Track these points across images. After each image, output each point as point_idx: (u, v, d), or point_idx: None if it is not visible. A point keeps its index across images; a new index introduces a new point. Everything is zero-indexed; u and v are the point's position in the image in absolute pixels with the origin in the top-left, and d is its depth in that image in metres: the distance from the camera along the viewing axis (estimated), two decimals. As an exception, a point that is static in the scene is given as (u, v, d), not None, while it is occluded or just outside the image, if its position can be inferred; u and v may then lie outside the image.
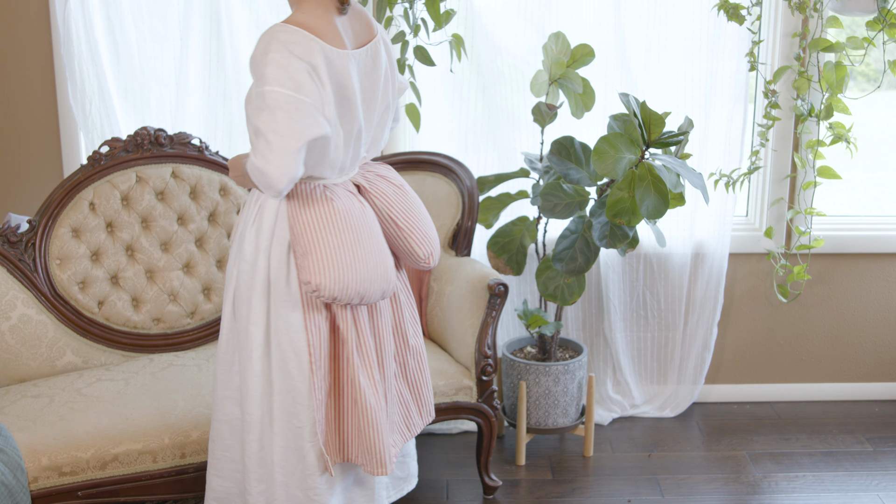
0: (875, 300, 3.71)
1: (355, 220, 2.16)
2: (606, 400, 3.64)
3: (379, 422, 2.23)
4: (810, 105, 3.33)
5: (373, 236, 2.19)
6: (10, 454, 2.36)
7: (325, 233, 2.13)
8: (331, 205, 2.14)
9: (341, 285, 2.12)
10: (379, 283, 2.18)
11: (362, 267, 2.14)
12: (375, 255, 2.17)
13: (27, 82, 3.35)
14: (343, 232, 2.13)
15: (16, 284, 2.83)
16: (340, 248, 2.12)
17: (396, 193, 2.28)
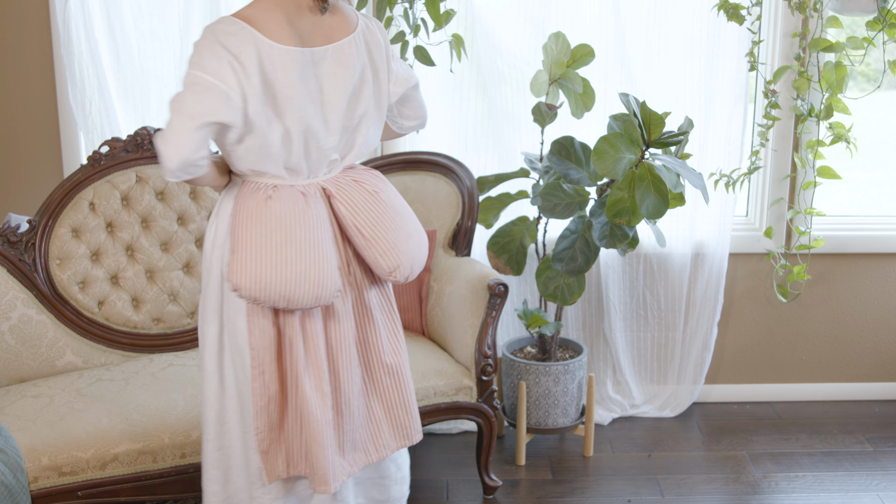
0: (875, 300, 3.71)
1: (289, 220, 2.07)
2: (606, 400, 3.64)
3: (323, 436, 2.15)
4: (810, 105, 3.33)
5: (309, 240, 2.08)
6: (10, 454, 2.35)
7: (254, 231, 2.07)
8: (267, 203, 2.08)
9: (261, 286, 2.05)
10: (309, 288, 2.07)
11: (287, 269, 2.05)
12: (307, 259, 2.06)
13: (27, 82, 3.35)
14: (273, 232, 2.06)
15: (16, 284, 2.83)
16: (266, 247, 2.06)
17: (366, 201, 2.18)
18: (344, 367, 2.21)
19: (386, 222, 2.19)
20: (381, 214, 2.19)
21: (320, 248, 2.10)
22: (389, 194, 2.24)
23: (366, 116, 2.19)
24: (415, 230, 2.25)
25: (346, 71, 2.12)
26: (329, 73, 2.10)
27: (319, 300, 2.10)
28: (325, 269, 2.10)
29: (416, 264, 2.25)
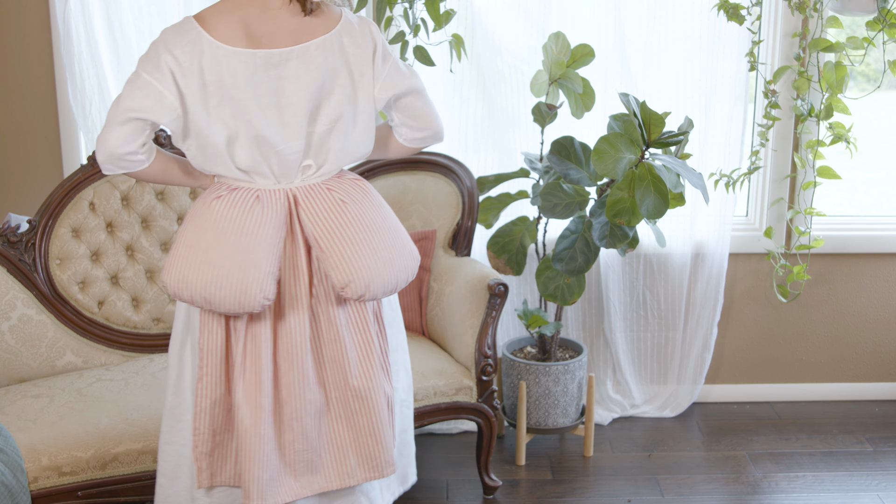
0: (875, 300, 3.71)
1: (226, 223, 2.02)
2: (606, 400, 3.64)
3: (252, 447, 2.07)
4: (810, 105, 3.33)
5: (240, 244, 2.01)
6: (10, 454, 2.36)
7: (190, 229, 2.05)
8: (211, 204, 2.05)
9: (182, 284, 2.03)
10: (230, 293, 2.00)
11: (208, 270, 2.00)
12: (232, 263, 2.00)
13: (27, 82, 3.35)
14: (206, 232, 2.03)
15: (16, 284, 2.83)
16: (194, 246, 2.03)
17: (330, 210, 2.08)
18: (295, 381, 2.10)
19: (345, 235, 2.07)
20: (342, 226, 2.07)
21: (251, 253, 2.01)
22: (361, 206, 2.11)
23: (340, 121, 2.07)
24: (384, 247, 2.10)
25: (311, 73, 2.02)
26: (292, 76, 2.01)
27: (242, 306, 2.01)
28: (250, 276, 2.00)
29: (379, 283, 2.09)
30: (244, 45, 1.99)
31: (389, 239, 2.12)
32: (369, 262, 2.07)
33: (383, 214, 2.15)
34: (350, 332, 2.14)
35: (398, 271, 2.12)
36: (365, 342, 2.16)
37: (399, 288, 2.15)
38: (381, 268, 2.09)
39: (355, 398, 2.13)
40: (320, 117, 2.06)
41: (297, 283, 2.10)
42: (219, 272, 2.00)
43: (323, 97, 2.05)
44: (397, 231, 2.16)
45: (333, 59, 2.04)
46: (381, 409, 2.17)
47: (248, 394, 2.08)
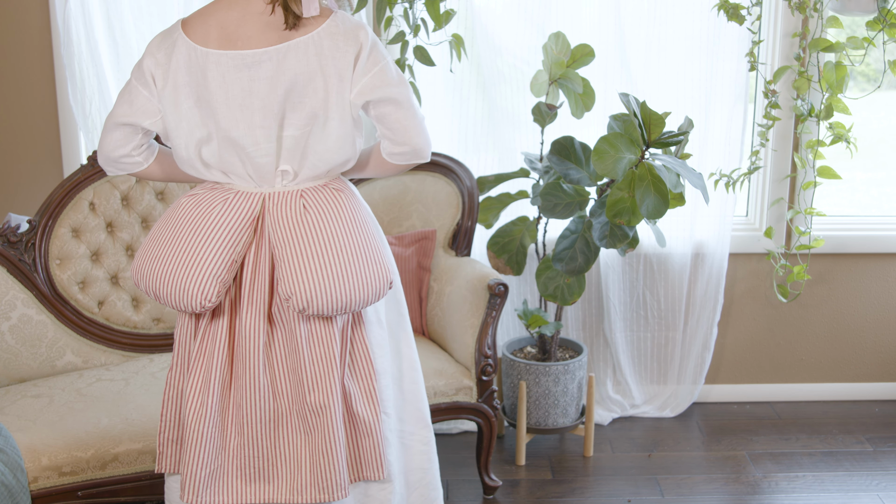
0: (875, 300, 3.71)
1: (184, 220, 2.03)
2: (606, 400, 3.64)
3: (192, 445, 2.06)
4: (810, 105, 3.33)
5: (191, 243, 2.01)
6: (10, 454, 2.35)
7: (157, 223, 2.10)
8: (181, 199, 2.08)
9: (138, 275, 2.07)
10: (173, 290, 2.00)
11: (158, 266, 2.02)
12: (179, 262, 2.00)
13: (27, 82, 3.35)
14: (165, 228, 2.05)
15: (16, 284, 2.83)
16: (153, 241, 2.06)
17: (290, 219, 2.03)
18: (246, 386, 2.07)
19: (296, 245, 1.99)
20: (297, 236, 2.00)
21: (199, 255, 2.00)
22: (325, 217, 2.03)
23: (314, 126, 2.00)
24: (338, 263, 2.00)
25: (283, 75, 1.97)
26: (264, 78, 1.97)
27: (184, 305, 2.00)
28: (193, 277, 1.99)
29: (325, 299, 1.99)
30: (217, 46, 1.97)
31: (348, 255, 2.01)
32: (315, 275, 1.98)
33: (349, 228, 2.04)
34: (310, 346, 2.07)
35: (352, 290, 2.01)
36: (326, 358, 2.06)
37: (354, 308, 2.04)
38: (329, 284, 1.99)
39: (312, 413, 2.07)
40: (293, 121, 2.00)
41: (257, 287, 2.05)
42: (165, 269, 2.01)
43: (295, 101, 1.99)
44: (363, 248, 2.04)
45: (309, 61, 1.97)
46: (336, 429, 2.07)
47: (195, 391, 2.06)
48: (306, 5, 1.95)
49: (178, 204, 2.07)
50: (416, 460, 2.33)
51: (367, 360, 2.14)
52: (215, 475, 2.11)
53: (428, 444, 2.34)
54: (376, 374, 2.16)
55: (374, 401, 2.14)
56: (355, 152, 2.08)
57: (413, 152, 2.08)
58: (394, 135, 2.06)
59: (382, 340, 2.21)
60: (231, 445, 2.10)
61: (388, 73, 2.01)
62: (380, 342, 2.20)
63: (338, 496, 2.09)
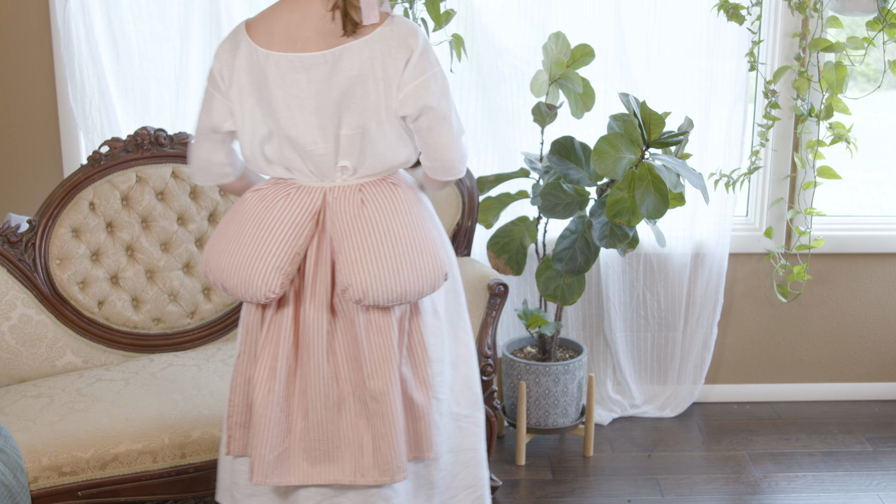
0: (875, 300, 3.71)
1: (248, 215, 2.11)
2: (606, 400, 3.64)
3: (260, 429, 2.14)
4: (810, 105, 3.33)
5: (254, 237, 2.09)
6: (10, 454, 2.36)
7: (224, 217, 2.18)
8: (246, 194, 2.17)
9: (207, 268, 2.16)
10: (238, 282, 2.10)
11: (224, 259, 2.11)
12: (243, 255, 2.09)
13: (27, 82, 3.35)
14: (231, 222, 2.14)
15: (16, 284, 2.83)
16: (220, 235, 2.15)
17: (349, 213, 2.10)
18: (311, 373, 2.15)
19: (354, 237, 2.07)
20: (355, 229, 2.07)
21: (262, 248, 2.08)
22: (381, 210, 2.10)
23: (367, 128, 2.07)
24: (393, 255, 2.07)
25: (338, 77, 2.03)
26: (320, 79, 2.04)
27: (248, 296, 2.10)
28: (257, 269, 2.08)
29: (380, 290, 2.07)
30: (278, 48, 2.04)
31: (403, 248, 2.08)
32: (371, 267, 2.06)
33: (405, 222, 2.10)
34: (368, 334, 2.14)
35: (406, 282, 2.08)
36: (384, 347, 2.13)
37: (409, 299, 2.11)
38: (384, 275, 2.06)
39: (372, 399, 2.14)
40: (347, 121, 2.07)
41: (320, 279, 2.14)
42: (231, 262, 2.11)
43: (349, 102, 2.05)
44: (418, 241, 2.11)
45: (362, 65, 2.03)
46: (397, 414, 2.15)
47: (263, 377, 2.14)
48: (366, 13, 2.01)
49: (244, 199, 2.16)
50: (469, 441, 2.40)
51: (422, 348, 2.22)
52: (283, 457, 2.19)
53: (479, 425, 2.42)
54: (429, 361, 2.24)
55: (427, 386, 2.23)
56: (412, 153, 2.15)
57: (443, 168, 2.14)
58: (427, 147, 2.12)
59: (437, 330, 2.29)
60: (298, 429, 2.18)
61: (432, 83, 2.06)
62: (434, 331, 2.28)
63: (399, 477, 2.17)
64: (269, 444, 2.16)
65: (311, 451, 2.19)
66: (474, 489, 2.43)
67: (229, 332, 3.12)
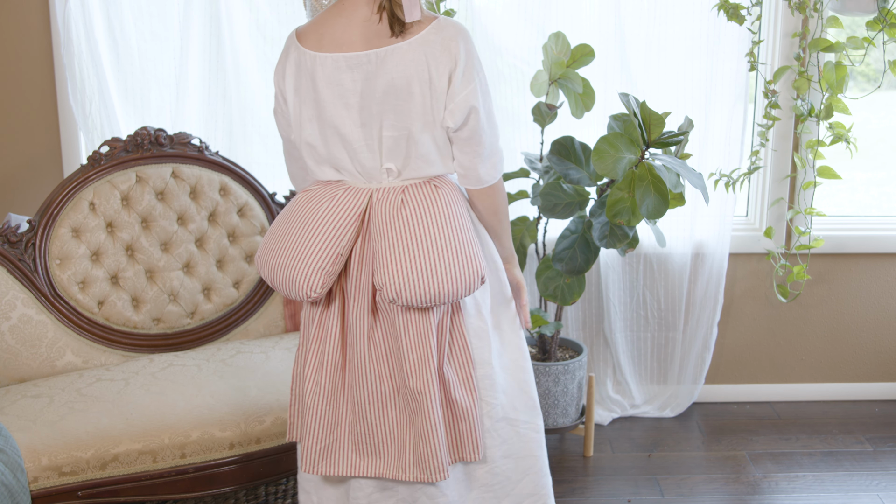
0: (875, 300, 3.71)
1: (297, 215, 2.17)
2: (606, 400, 3.64)
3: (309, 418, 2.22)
4: (810, 105, 3.33)
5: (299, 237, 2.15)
6: (10, 454, 2.36)
7: (277, 217, 2.25)
8: (298, 195, 2.22)
9: (259, 265, 2.22)
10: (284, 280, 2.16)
11: (273, 258, 2.18)
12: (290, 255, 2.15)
13: (27, 82, 3.35)
14: (282, 222, 2.20)
15: (16, 284, 2.83)
16: (272, 234, 2.21)
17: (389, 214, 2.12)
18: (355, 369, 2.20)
19: (391, 238, 2.10)
20: (392, 230, 2.11)
21: (306, 248, 2.13)
22: (421, 212, 2.12)
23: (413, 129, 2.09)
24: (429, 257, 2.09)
25: (383, 78, 2.06)
26: (364, 79, 2.08)
27: (292, 294, 2.16)
28: (299, 268, 2.13)
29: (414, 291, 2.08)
30: (326, 50, 2.09)
31: (439, 249, 2.09)
32: (405, 268, 2.08)
33: (443, 224, 2.11)
34: (407, 335, 2.16)
35: (440, 283, 2.09)
36: (422, 347, 2.15)
37: (444, 300, 2.11)
38: (418, 276, 2.08)
39: (412, 398, 2.18)
40: (390, 123, 2.09)
41: (363, 279, 2.17)
42: (279, 261, 2.16)
43: (392, 103, 2.07)
44: (454, 243, 2.11)
45: (406, 66, 2.04)
46: (435, 415, 2.16)
47: (312, 371, 2.20)
48: (408, 11, 2.03)
49: (295, 199, 2.21)
50: (529, 447, 2.38)
51: (464, 349, 2.22)
52: (331, 448, 2.24)
53: (539, 431, 2.39)
54: (474, 362, 2.24)
55: (472, 388, 2.22)
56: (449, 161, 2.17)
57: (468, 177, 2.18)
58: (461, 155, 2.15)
59: (481, 331, 2.27)
60: (346, 421, 2.24)
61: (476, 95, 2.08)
62: (478, 333, 2.27)
63: (437, 477, 2.18)
64: (316, 434, 2.22)
65: (358, 443, 2.25)
66: (537, 497, 2.40)
67: (229, 332, 3.12)
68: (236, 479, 2.65)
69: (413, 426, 2.20)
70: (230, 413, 2.65)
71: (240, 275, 3.12)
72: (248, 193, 3.12)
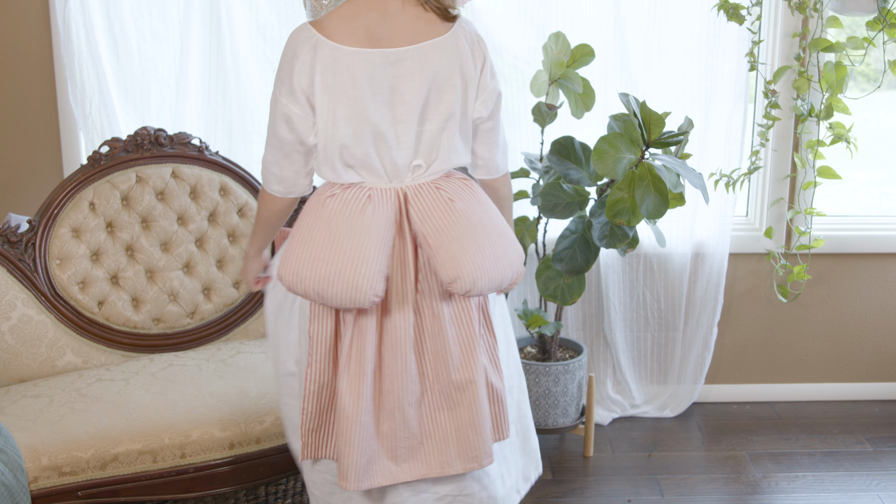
0: (875, 300, 3.71)
1: (339, 221, 2.10)
2: (606, 400, 3.64)
3: (352, 434, 2.16)
4: (810, 105, 3.33)
5: (353, 242, 2.09)
6: (10, 454, 2.36)
7: (303, 227, 2.14)
8: (326, 202, 2.13)
9: (296, 278, 2.11)
10: (342, 289, 2.08)
11: (322, 267, 2.08)
12: (345, 261, 2.08)
13: (27, 82, 3.35)
14: (319, 230, 2.11)
15: (16, 284, 2.83)
16: (309, 243, 2.11)
17: (439, 209, 2.15)
18: (398, 373, 2.18)
19: (453, 232, 2.12)
20: (451, 224, 2.13)
21: (363, 252, 2.09)
22: (468, 204, 2.17)
23: (451, 121, 2.15)
24: (490, 244, 2.15)
25: (425, 72, 2.10)
26: (407, 74, 2.09)
27: (353, 302, 2.09)
28: (362, 273, 2.08)
29: (486, 279, 2.14)
30: (363, 44, 2.07)
31: (496, 237, 2.17)
32: (476, 259, 2.12)
33: (489, 213, 2.20)
34: (454, 327, 2.20)
35: (504, 268, 2.17)
36: (468, 336, 2.20)
37: (504, 284, 2.20)
38: (488, 265, 2.13)
39: (457, 390, 2.19)
40: (433, 115, 2.14)
41: (404, 279, 2.17)
42: (331, 269, 2.08)
43: (436, 96, 2.12)
44: (503, 229, 2.21)
45: (448, 59, 2.11)
46: (482, 401, 2.21)
47: (352, 383, 2.16)
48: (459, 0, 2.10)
49: (323, 205, 2.13)
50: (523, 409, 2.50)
51: (492, 333, 2.29)
52: (372, 460, 2.22)
53: (524, 391, 2.51)
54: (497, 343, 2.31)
55: (500, 369, 2.30)
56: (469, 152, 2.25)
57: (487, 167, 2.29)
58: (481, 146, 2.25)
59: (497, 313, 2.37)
60: (383, 429, 2.22)
61: (497, 90, 2.22)
62: (499, 313, 2.38)
63: (486, 462, 2.24)
64: (362, 448, 2.18)
65: (394, 450, 2.23)
66: (533, 453, 2.53)
67: (229, 332, 3.12)
68: (236, 479, 2.65)
69: (454, 419, 2.22)
70: (230, 413, 2.65)
71: (240, 275, 3.12)
72: (248, 193, 3.12)
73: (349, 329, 2.16)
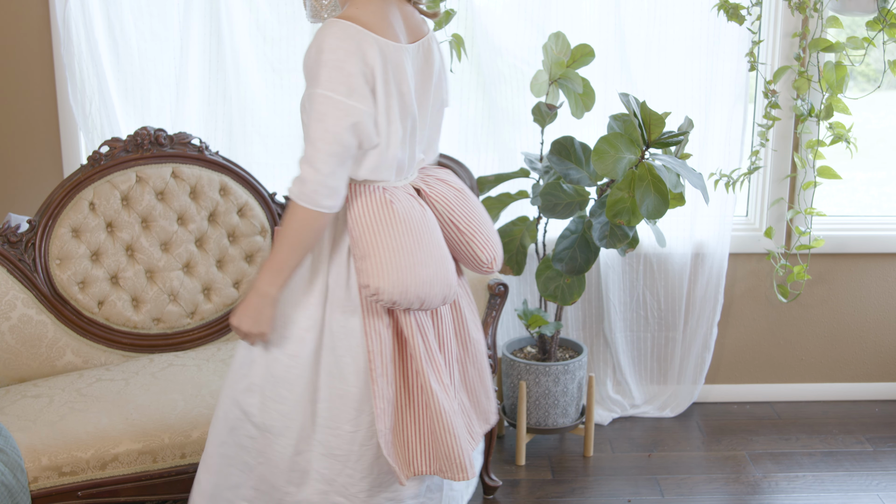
0: (875, 300, 3.71)
1: (415, 223, 2.07)
2: (606, 400, 3.64)
3: (455, 425, 2.14)
4: (810, 105, 3.33)
5: (433, 240, 2.10)
6: (10, 454, 2.36)
7: (385, 236, 2.04)
8: (390, 207, 2.06)
9: (401, 289, 2.03)
10: (440, 288, 2.08)
11: (422, 271, 2.05)
12: (436, 260, 2.08)
13: (27, 82, 3.35)
14: (403, 235, 2.05)
15: (16, 284, 2.83)
16: (400, 251, 2.04)
17: (457, 197, 2.20)
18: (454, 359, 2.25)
19: (477, 216, 2.22)
20: (472, 209, 2.22)
21: (442, 247, 2.13)
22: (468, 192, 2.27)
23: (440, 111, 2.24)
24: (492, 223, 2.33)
25: (431, 67, 2.16)
26: (421, 69, 2.13)
27: (447, 299, 2.12)
28: (449, 269, 2.13)
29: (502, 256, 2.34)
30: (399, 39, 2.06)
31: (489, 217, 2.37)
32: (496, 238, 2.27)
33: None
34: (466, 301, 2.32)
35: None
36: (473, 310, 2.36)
37: None
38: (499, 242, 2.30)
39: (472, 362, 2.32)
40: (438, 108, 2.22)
41: None
42: (430, 271, 2.07)
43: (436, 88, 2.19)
44: None
45: (439, 53, 2.21)
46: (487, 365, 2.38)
47: (439, 380, 2.16)
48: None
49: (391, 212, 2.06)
50: None
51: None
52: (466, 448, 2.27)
53: None
54: None
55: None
56: None
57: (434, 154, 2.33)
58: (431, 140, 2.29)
59: None
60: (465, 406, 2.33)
61: None
62: None
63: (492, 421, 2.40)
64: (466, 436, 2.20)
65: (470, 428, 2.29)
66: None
67: (229, 332, 3.12)
68: (236, 479, 2.64)
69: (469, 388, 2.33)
70: (230, 413, 2.65)
71: (240, 275, 3.12)
72: (248, 193, 3.12)
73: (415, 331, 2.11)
